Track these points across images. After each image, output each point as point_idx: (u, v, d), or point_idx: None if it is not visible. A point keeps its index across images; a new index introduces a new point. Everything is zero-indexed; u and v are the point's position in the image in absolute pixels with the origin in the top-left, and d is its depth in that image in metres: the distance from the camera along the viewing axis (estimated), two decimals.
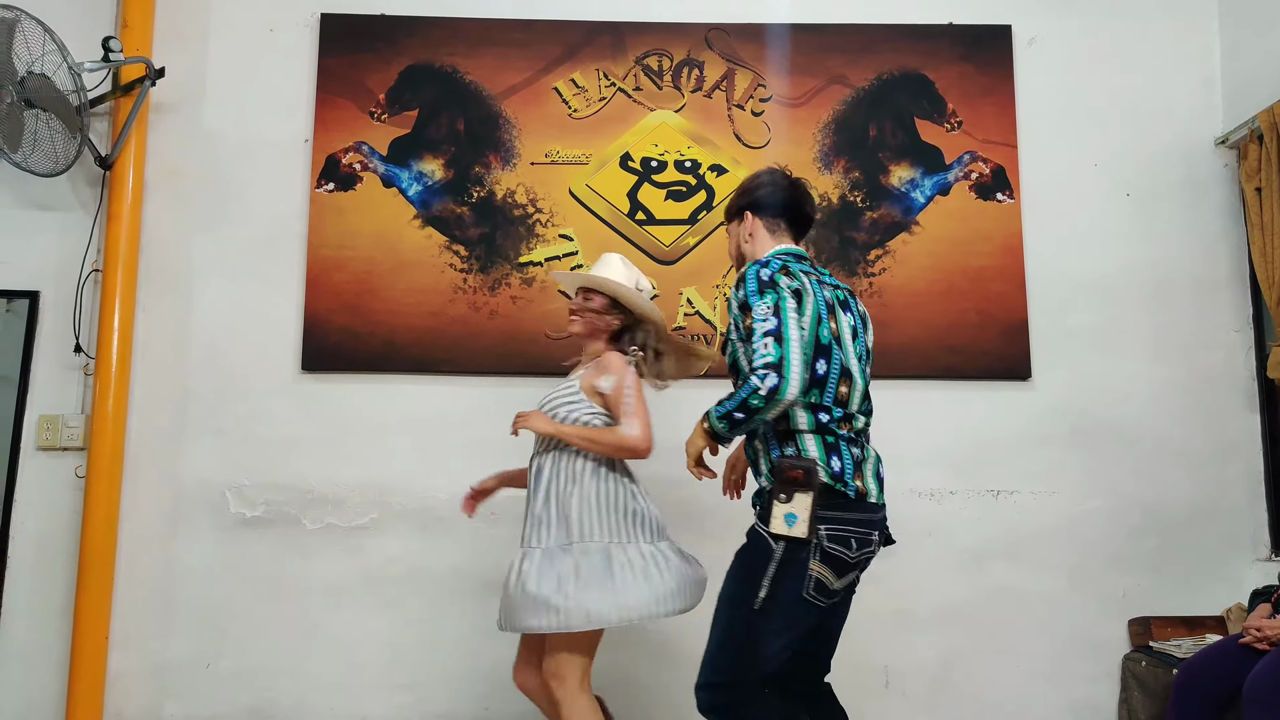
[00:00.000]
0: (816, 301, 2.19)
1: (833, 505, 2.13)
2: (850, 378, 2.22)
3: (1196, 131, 3.57)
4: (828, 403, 2.18)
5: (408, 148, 3.49)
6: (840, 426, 2.19)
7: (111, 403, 3.25)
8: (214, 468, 3.33)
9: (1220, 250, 3.52)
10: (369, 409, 3.36)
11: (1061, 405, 3.41)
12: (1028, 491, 3.38)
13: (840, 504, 2.14)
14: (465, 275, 3.43)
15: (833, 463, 2.15)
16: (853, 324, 2.30)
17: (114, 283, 3.30)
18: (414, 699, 3.26)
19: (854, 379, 2.23)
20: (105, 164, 3.35)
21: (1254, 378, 3.44)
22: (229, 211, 3.45)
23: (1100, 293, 3.48)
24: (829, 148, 3.53)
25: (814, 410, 2.17)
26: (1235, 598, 3.28)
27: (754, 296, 2.16)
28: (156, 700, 3.23)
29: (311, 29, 3.55)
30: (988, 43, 3.58)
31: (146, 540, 3.29)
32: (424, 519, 3.32)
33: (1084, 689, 3.29)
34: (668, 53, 3.57)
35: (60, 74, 3.13)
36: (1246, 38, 3.50)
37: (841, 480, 2.15)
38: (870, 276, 3.46)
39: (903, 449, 3.36)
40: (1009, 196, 3.51)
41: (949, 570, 3.34)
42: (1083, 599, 3.34)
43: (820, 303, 2.20)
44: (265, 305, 3.41)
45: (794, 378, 2.08)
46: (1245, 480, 3.41)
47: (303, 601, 3.28)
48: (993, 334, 3.43)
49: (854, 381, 2.23)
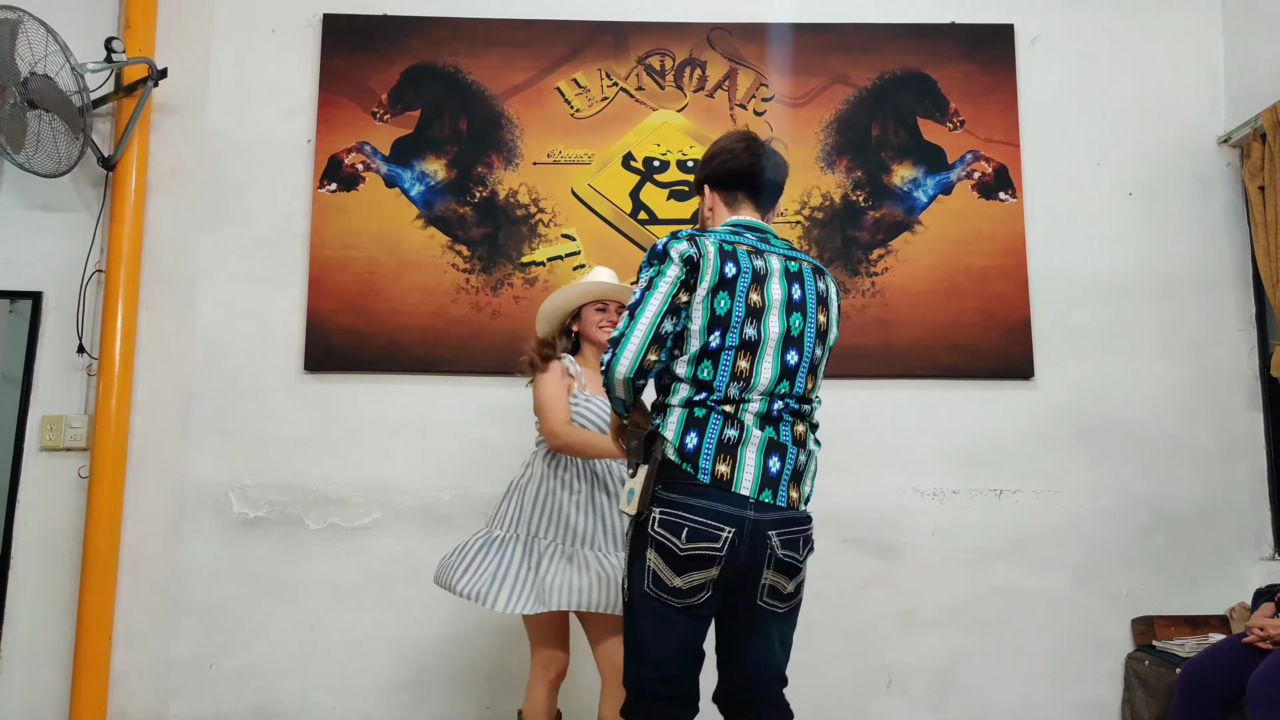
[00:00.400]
0: (721, 269, 1.99)
1: (674, 486, 1.94)
2: (755, 353, 1.99)
3: (1199, 130, 3.56)
4: (717, 380, 1.98)
5: (410, 148, 3.49)
6: (723, 403, 1.98)
7: (114, 403, 3.25)
8: (217, 468, 3.33)
9: (1223, 249, 3.51)
10: (371, 409, 3.36)
11: (1064, 404, 3.41)
12: (1031, 491, 3.38)
13: (684, 486, 1.93)
14: (468, 275, 3.43)
15: (687, 439, 1.95)
16: (799, 297, 2.07)
17: (117, 283, 3.30)
18: (416, 698, 3.26)
19: (764, 356, 2.00)
20: (108, 165, 3.35)
21: (1258, 376, 3.44)
22: (231, 212, 3.46)
23: (1103, 292, 3.48)
24: (831, 147, 3.53)
25: (697, 385, 1.99)
26: (1239, 597, 3.28)
27: (641, 269, 2.05)
28: (160, 700, 3.24)
29: (314, 29, 3.55)
30: (990, 42, 3.58)
31: (150, 540, 3.29)
32: (426, 519, 3.32)
33: (1087, 688, 3.29)
34: (670, 52, 3.57)
35: (63, 75, 3.13)
36: (1250, 36, 3.50)
37: (691, 460, 1.93)
38: (873, 276, 3.46)
39: (906, 448, 3.39)
40: (1011, 196, 3.51)
41: (952, 570, 3.34)
42: (1086, 598, 3.34)
43: (739, 272, 2.00)
44: (268, 305, 3.41)
45: (623, 356, 1.96)
46: (1249, 479, 3.40)
47: (306, 601, 3.28)
48: (995, 333, 3.43)
49: (762, 359, 2.00)
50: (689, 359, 2.00)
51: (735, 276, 2.00)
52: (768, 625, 2.01)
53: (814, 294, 2.10)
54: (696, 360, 1.99)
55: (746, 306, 2.00)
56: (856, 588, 3.32)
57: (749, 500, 1.93)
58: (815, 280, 2.12)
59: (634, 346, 1.96)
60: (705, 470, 1.93)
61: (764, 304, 2.02)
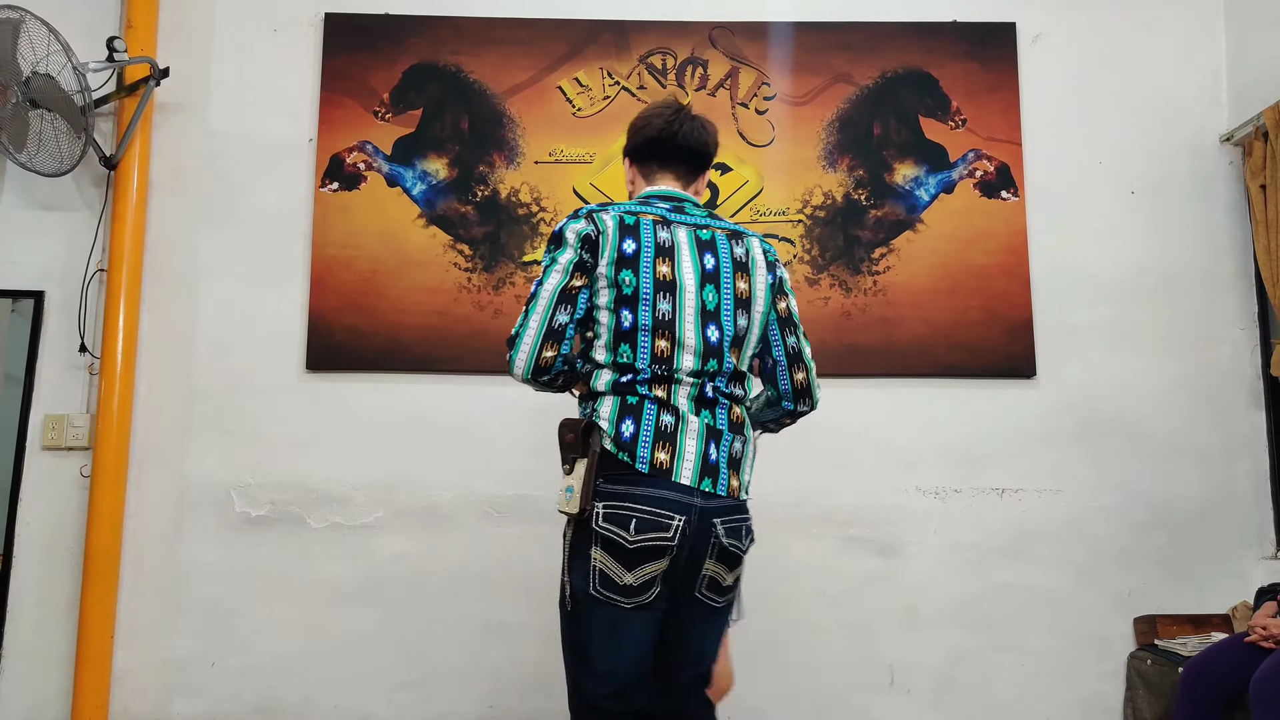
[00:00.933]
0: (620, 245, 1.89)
1: (616, 478, 1.83)
2: (674, 331, 1.89)
3: (1201, 128, 3.56)
4: (639, 362, 1.88)
5: (412, 147, 3.49)
6: (650, 387, 1.87)
7: (116, 402, 3.25)
8: (219, 467, 3.33)
9: (1225, 247, 3.51)
10: (373, 408, 3.36)
11: (1066, 403, 3.41)
12: (1033, 489, 3.38)
13: (625, 477, 1.83)
14: (469, 274, 3.43)
15: (623, 427, 1.84)
16: (712, 267, 1.95)
17: (119, 282, 3.30)
18: (418, 698, 3.26)
19: (684, 334, 1.89)
20: (110, 164, 3.35)
21: (1259, 375, 3.44)
22: (233, 211, 3.46)
23: (1105, 290, 3.47)
24: (833, 146, 3.53)
25: (618, 369, 1.89)
26: (1241, 595, 3.28)
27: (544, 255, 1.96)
28: (163, 698, 3.24)
29: (316, 28, 3.55)
30: (992, 40, 3.58)
31: (152, 539, 3.29)
32: (429, 518, 3.32)
33: (1089, 687, 3.29)
34: (671, 51, 3.57)
35: (65, 74, 3.13)
36: (1252, 34, 3.49)
37: (629, 449, 1.83)
38: (875, 275, 3.46)
39: (908, 447, 3.39)
40: (1013, 194, 3.50)
41: (954, 568, 3.34)
42: (1088, 597, 3.33)
43: (639, 247, 1.90)
44: (270, 304, 3.41)
45: (518, 356, 1.89)
46: (1251, 477, 3.40)
47: (308, 600, 3.28)
48: (997, 332, 3.42)
49: (683, 337, 1.89)
50: (605, 344, 1.91)
51: (636, 252, 1.90)
52: (702, 618, 1.93)
53: (729, 261, 1.97)
54: (613, 344, 1.90)
55: (655, 281, 1.89)
56: (858, 586, 3.32)
57: (692, 489, 1.84)
58: (732, 245, 1.99)
59: (527, 344, 1.88)
60: (644, 459, 1.83)
61: (674, 277, 1.91)
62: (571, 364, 1.95)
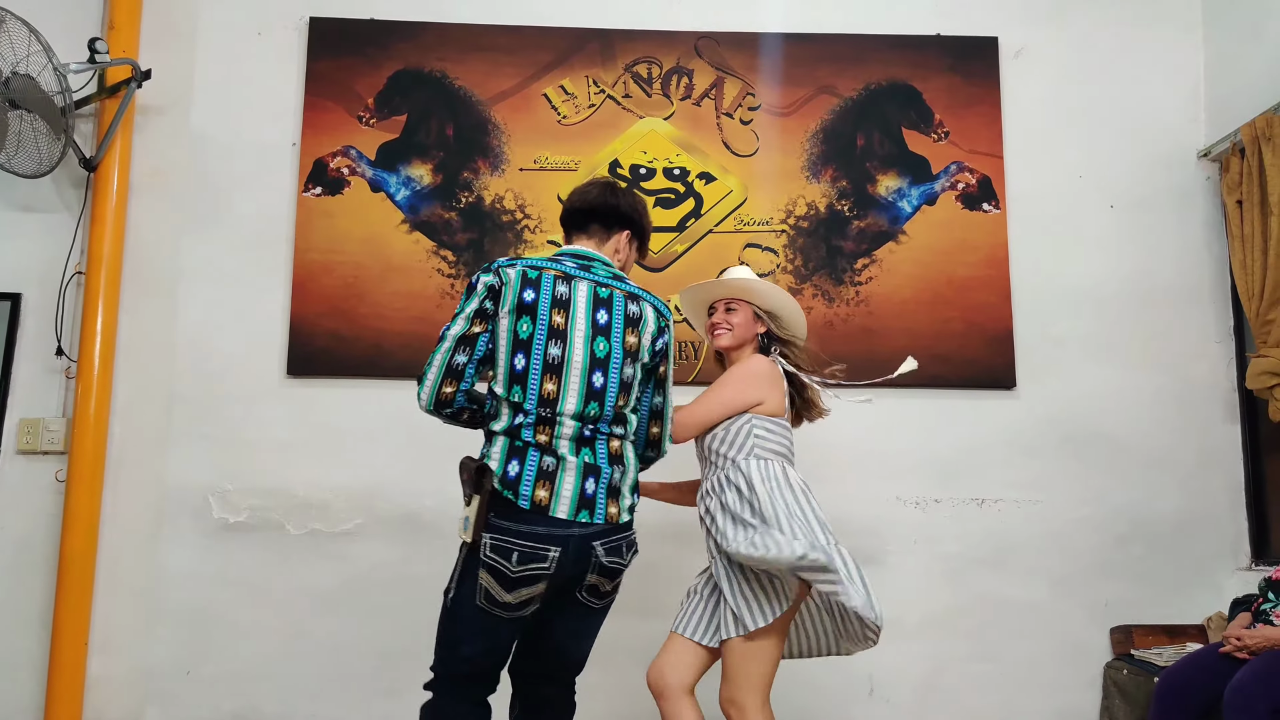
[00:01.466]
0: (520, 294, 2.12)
1: (502, 514, 2.06)
2: (561, 376, 2.10)
3: (1180, 144, 3.60)
4: (527, 403, 2.09)
5: (396, 152, 3.48)
6: (535, 431, 2.09)
7: (93, 406, 3.22)
8: (197, 472, 3.30)
9: (1203, 262, 3.55)
10: (355, 414, 3.34)
11: (1046, 415, 3.44)
12: (1012, 500, 3.40)
13: (509, 513, 2.05)
14: (453, 281, 3.42)
15: (510, 468, 2.07)
16: (605, 321, 2.16)
17: (97, 285, 3.27)
18: (399, 706, 3.23)
19: (570, 379, 2.10)
20: (90, 166, 3.32)
21: (1235, 388, 3.48)
22: (215, 215, 3.43)
23: (1084, 303, 3.51)
24: (817, 157, 3.54)
25: (513, 409, 2.11)
26: (1216, 606, 3.31)
27: None
28: (137, 706, 3.20)
29: (300, 32, 3.53)
30: (974, 54, 3.61)
31: (128, 545, 3.26)
32: (409, 525, 3.30)
33: (1067, 697, 3.31)
34: (657, 60, 3.58)
35: (45, 75, 3.11)
36: (1230, 52, 3.54)
37: (514, 488, 2.05)
38: (857, 285, 3.48)
39: (889, 457, 3.40)
40: (995, 207, 3.53)
41: (934, 578, 3.36)
42: (1065, 607, 3.36)
43: (537, 298, 2.12)
44: (251, 309, 3.39)
45: (424, 390, 2.15)
46: (1226, 490, 3.44)
47: (286, 608, 3.25)
48: (978, 343, 3.45)
49: (568, 382, 2.10)
50: (503, 383, 2.13)
51: (534, 302, 2.13)
52: (577, 616, 2.16)
53: (623, 317, 2.20)
54: (508, 384, 2.12)
55: (549, 330, 2.12)
56: None
57: (570, 522, 2.07)
58: (627, 304, 2.22)
59: (430, 380, 2.15)
60: (525, 496, 2.05)
61: (567, 328, 2.13)
62: (480, 403, 2.19)
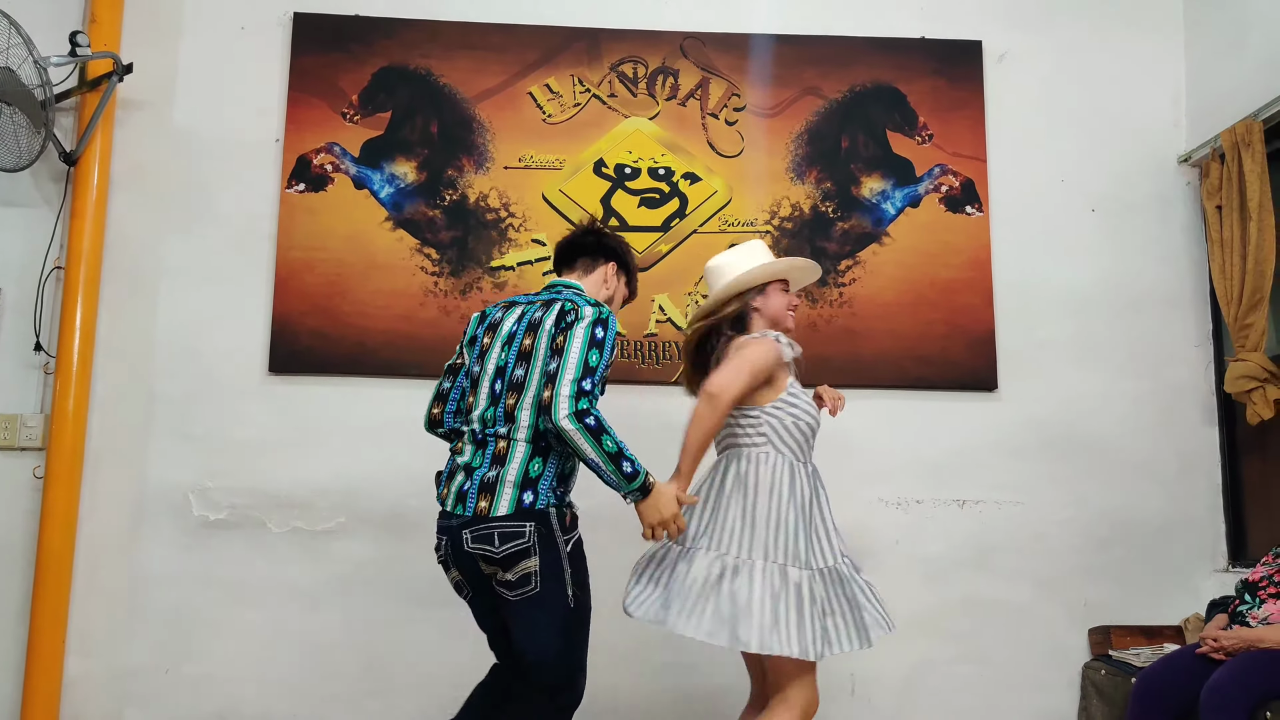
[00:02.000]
0: (477, 328, 2.46)
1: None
2: (477, 388, 2.37)
3: (1161, 149, 3.63)
4: (458, 417, 2.45)
5: (380, 149, 3.47)
6: (456, 438, 2.43)
7: (72, 402, 3.19)
8: (177, 470, 3.28)
9: (1183, 266, 3.58)
10: (338, 412, 3.33)
11: (1027, 417, 3.46)
12: (993, 502, 3.42)
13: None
14: (436, 279, 3.41)
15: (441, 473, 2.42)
16: (511, 331, 2.36)
17: (76, 280, 3.24)
18: (381, 706, 3.23)
19: (481, 389, 2.35)
20: (70, 160, 3.29)
21: (1214, 392, 3.51)
22: (197, 211, 3.41)
23: (1066, 306, 3.53)
24: (801, 158, 3.55)
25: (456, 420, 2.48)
26: (1194, 608, 3.34)
27: None
28: (116, 706, 3.18)
29: (284, 28, 3.51)
30: (959, 58, 3.63)
31: (106, 543, 3.23)
32: (392, 523, 3.29)
33: (1046, 697, 3.34)
34: (643, 60, 3.58)
35: (25, 68, 3.07)
36: (1211, 59, 3.58)
37: (437, 488, 2.40)
38: (840, 287, 3.49)
39: (871, 458, 3.41)
40: (978, 209, 3.55)
41: (915, 579, 3.37)
42: (1045, 608, 3.38)
43: (484, 327, 2.43)
44: (233, 306, 3.36)
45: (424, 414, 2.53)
46: (1205, 493, 3.47)
47: (268, 606, 3.24)
48: (960, 345, 3.47)
49: (480, 392, 2.36)
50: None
51: (477, 332, 2.45)
52: (505, 605, 2.29)
53: (526, 324, 2.35)
54: (460, 403, 2.46)
55: (478, 352, 2.41)
56: None
57: (451, 514, 2.30)
58: (536, 311, 2.36)
59: (428, 403, 2.52)
60: (438, 495, 2.37)
61: (488, 346, 2.39)
62: None
